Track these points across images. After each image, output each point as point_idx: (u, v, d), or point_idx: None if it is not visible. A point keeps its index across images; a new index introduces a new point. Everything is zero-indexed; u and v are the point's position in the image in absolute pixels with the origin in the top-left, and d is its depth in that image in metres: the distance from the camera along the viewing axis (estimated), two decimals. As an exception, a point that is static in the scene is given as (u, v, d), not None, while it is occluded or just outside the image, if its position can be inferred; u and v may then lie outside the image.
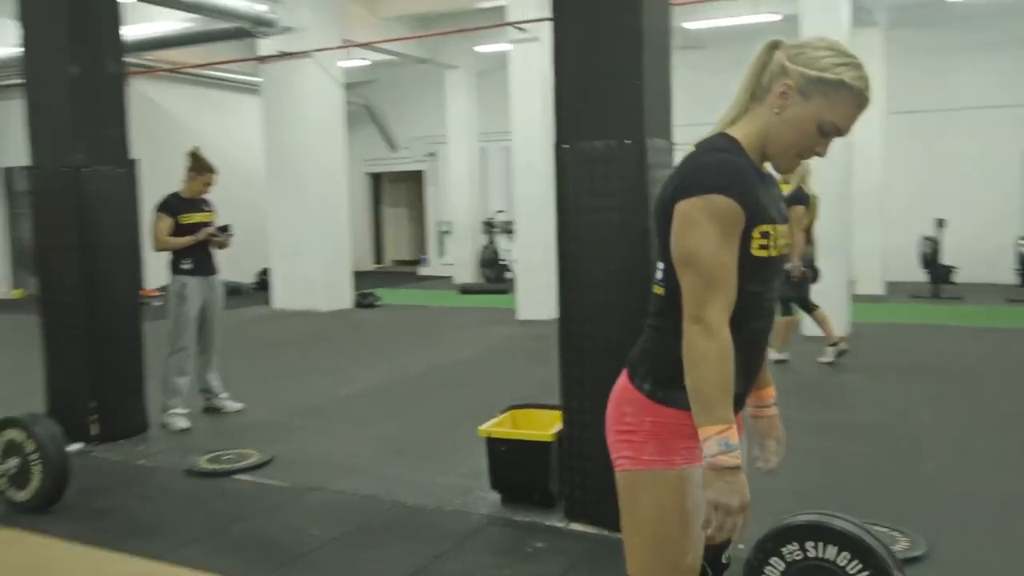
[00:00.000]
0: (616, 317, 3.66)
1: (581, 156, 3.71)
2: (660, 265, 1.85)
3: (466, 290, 13.69)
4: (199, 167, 5.72)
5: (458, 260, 15.57)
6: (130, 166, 5.52)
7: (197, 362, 5.83)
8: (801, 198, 6.89)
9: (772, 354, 7.16)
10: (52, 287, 5.36)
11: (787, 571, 2.56)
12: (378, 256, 19.77)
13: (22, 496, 4.04)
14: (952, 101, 13.04)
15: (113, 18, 5.55)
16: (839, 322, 8.52)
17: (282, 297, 11.90)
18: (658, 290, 1.86)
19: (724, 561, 2.10)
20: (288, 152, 11.67)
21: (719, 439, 1.65)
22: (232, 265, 13.38)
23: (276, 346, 9.10)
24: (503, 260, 14.82)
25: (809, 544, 2.54)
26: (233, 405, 5.93)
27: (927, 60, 13.14)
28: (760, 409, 2.12)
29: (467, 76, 15.23)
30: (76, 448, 4.30)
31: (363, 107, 17.46)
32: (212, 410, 5.90)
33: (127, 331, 5.40)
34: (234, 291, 13.86)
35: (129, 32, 11.12)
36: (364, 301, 11.99)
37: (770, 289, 1.88)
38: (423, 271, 17.72)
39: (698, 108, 13.41)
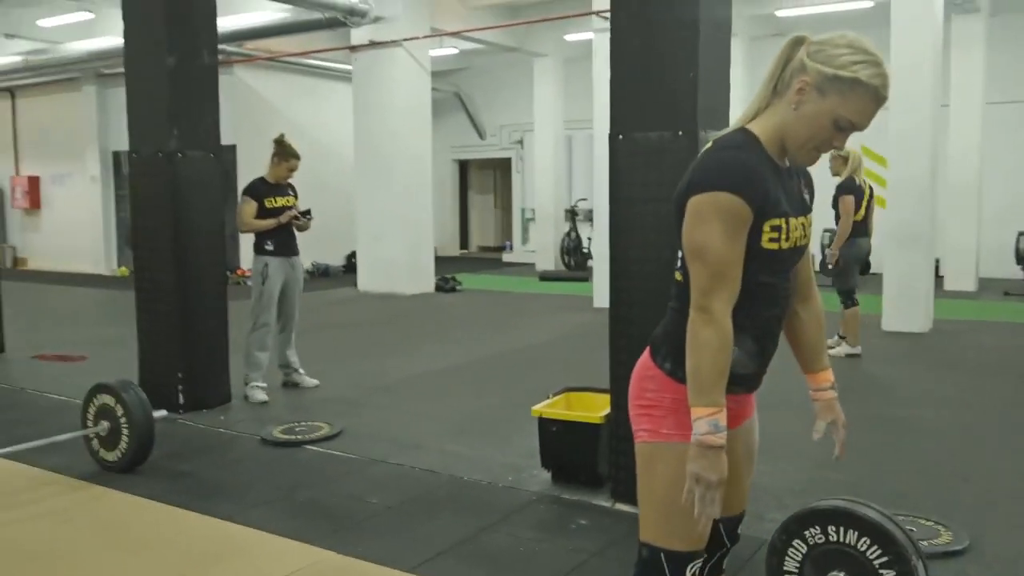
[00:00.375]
0: (664, 306, 3.75)
1: (634, 147, 3.79)
2: (680, 253, 1.95)
3: (545, 277, 13.83)
4: (283, 153, 5.99)
5: (540, 247, 15.73)
6: (220, 152, 5.85)
7: (278, 339, 6.13)
8: (851, 188, 6.88)
9: (844, 348, 7.10)
10: (146, 265, 5.73)
11: (809, 553, 2.63)
12: (464, 242, 20.09)
13: (111, 456, 4.38)
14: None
15: (209, 12, 5.84)
16: (922, 318, 8.34)
17: (366, 280, 12.28)
18: (678, 276, 1.96)
19: (738, 533, 2.20)
20: (376, 138, 12.03)
21: (710, 420, 1.75)
22: (322, 247, 13.96)
23: (356, 327, 9.44)
24: (585, 248, 14.89)
25: (831, 528, 2.59)
26: (310, 381, 6.23)
27: (1031, 49, 12.59)
28: (817, 392, 2.18)
29: (555, 64, 15.34)
30: (162, 415, 4.61)
31: (453, 95, 17.77)
32: (290, 385, 6.20)
33: (213, 308, 5.74)
34: (323, 273, 14.42)
35: (230, 22, 11.70)
36: (445, 285, 12.27)
37: (784, 279, 1.96)
38: (507, 257, 17.94)
39: None
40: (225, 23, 11.81)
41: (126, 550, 3.49)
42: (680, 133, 3.67)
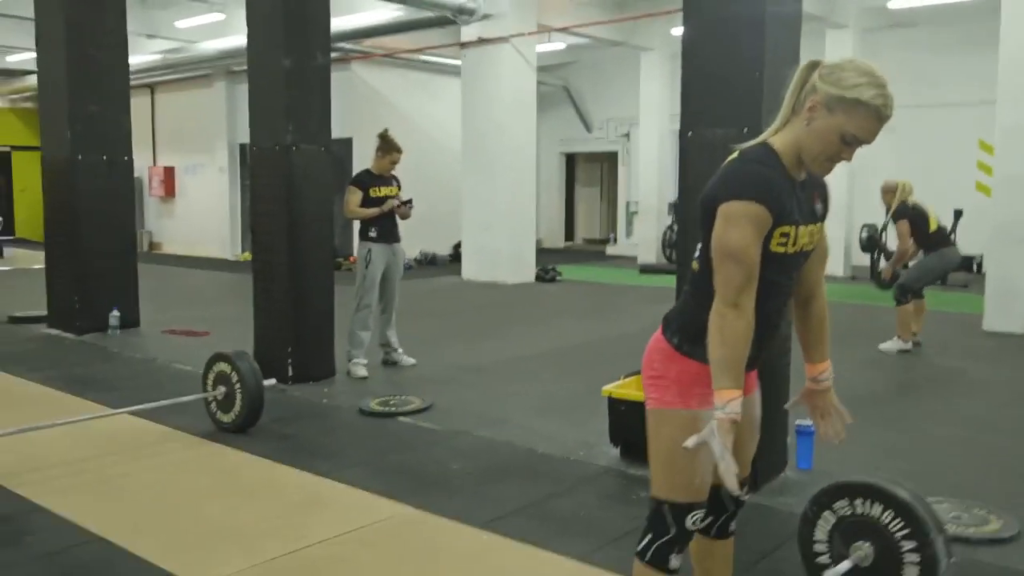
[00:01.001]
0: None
1: (703, 142, 4.01)
2: (699, 246, 2.20)
3: (645, 269, 13.98)
4: (386, 147, 6.39)
5: (643, 240, 15.84)
6: (331, 146, 6.32)
7: (379, 320, 6.58)
8: (904, 213, 7.10)
9: (896, 343, 7.27)
10: (263, 249, 6.27)
11: (837, 524, 2.81)
12: (569, 234, 20.35)
13: (227, 418, 4.90)
14: None
15: (323, 17, 6.27)
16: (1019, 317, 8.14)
17: (470, 268, 12.74)
18: (695, 265, 2.21)
19: (743, 498, 2.44)
20: (482, 132, 12.44)
21: (739, 400, 1.99)
22: (430, 237, 14.50)
23: (457, 313, 9.86)
24: (687, 242, 14.92)
25: (858, 501, 2.75)
26: (407, 360, 6.65)
27: None
28: (810, 381, 2.39)
29: (661, 59, 15.38)
30: (271, 383, 5.09)
31: (561, 88, 18.05)
32: (389, 363, 6.63)
33: (321, 289, 6.23)
34: (431, 261, 14.95)
35: (347, 22, 12.32)
36: (545, 276, 12.60)
37: (788, 279, 2.19)
38: (611, 250, 18.11)
39: (919, 85, 12.93)
40: (342, 22, 12.46)
41: (236, 497, 3.96)
42: (745, 130, 3.85)
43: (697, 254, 2.19)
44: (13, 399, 5.73)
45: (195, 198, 17.90)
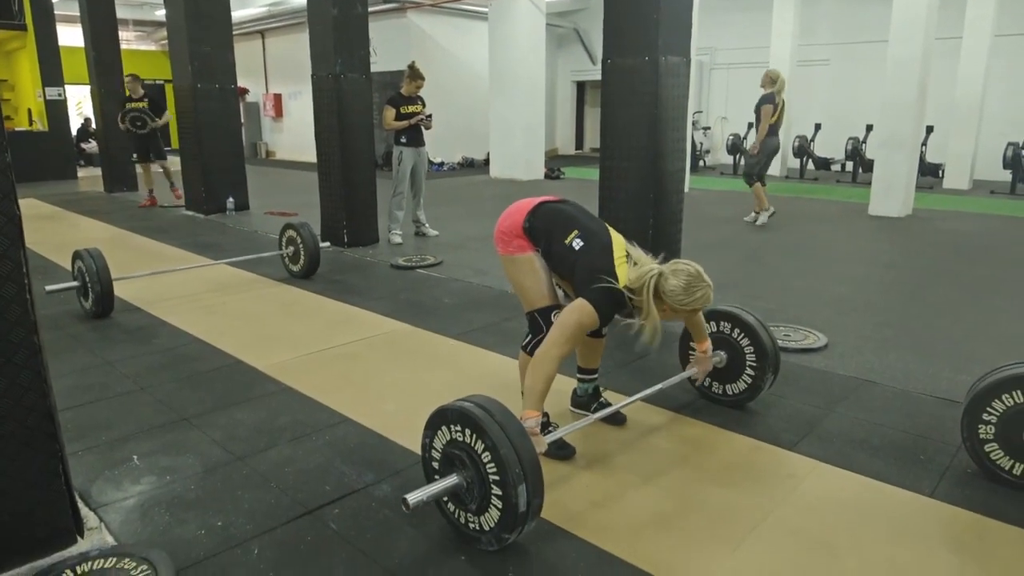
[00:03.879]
0: (637, 172, 4.16)
1: (618, 68, 4.10)
2: (576, 239, 2.46)
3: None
4: (413, 75, 6.46)
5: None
6: (370, 74, 6.42)
7: (411, 203, 6.85)
8: (770, 99, 7.00)
9: (763, 216, 7.45)
10: (323, 150, 6.51)
11: (707, 339, 3.09)
12: (579, 144, 20.10)
13: (295, 268, 5.29)
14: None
15: None
16: (901, 205, 8.12)
17: (496, 169, 12.78)
18: (574, 245, 2.46)
19: (603, 334, 2.73)
20: (504, 65, 12.22)
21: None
22: (468, 145, 14.50)
23: (479, 200, 9.99)
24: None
25: (722, 323, 3.02)
26: (432, 231, 6.93)
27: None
28: (702, 354, 2.90)
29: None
30: (326, 245, 5.45)
31: (572, 30, 17.46)
32: (419, 234, 6.93)
33: (365, 179, 6.48)
34: (469, 164, 14.98)
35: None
36: (552, 174, 12.63)
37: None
38: (608, 157, 17.86)
39: (849, 25, 12.51)
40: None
41: (293, 317, 4.36)
42: (646, 58, 3.95)
43: (575, 243, 2.41)
44: (155, 255, 6.16)
45: (297, 117, 17.93)
